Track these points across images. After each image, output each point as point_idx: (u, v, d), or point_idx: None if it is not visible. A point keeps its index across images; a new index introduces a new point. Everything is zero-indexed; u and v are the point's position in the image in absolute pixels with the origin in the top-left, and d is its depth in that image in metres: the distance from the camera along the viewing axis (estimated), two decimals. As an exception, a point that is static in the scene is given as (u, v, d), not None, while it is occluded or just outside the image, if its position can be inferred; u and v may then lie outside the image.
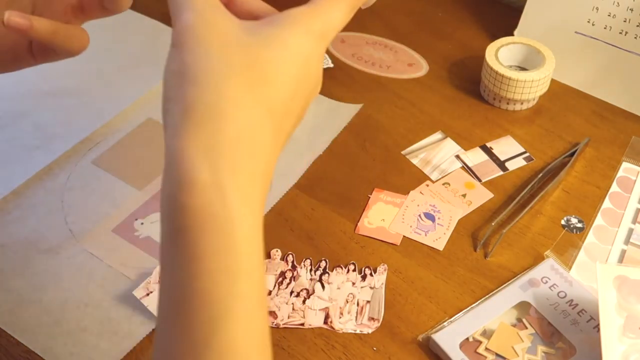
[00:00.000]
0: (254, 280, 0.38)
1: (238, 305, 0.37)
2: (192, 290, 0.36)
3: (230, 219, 0.37)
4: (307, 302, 0.59)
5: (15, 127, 0.72)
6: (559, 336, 0.56)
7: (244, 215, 0.37)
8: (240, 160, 0.37)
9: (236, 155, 0.37)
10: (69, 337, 0.56)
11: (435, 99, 0.78)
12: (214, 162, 0.36)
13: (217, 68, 0.38)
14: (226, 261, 0.36)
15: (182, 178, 0.36)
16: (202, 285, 0.36)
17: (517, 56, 0.78)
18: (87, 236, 0.63)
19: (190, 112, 0.37)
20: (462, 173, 0.70)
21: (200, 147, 0.36)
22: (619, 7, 0.76)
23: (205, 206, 0.36)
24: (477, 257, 0.63)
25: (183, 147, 0.37)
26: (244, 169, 0.37)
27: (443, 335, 0.56)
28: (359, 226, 0.65)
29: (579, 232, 0.65)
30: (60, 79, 0.77)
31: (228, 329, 0.36)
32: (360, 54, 0.84)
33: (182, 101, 0.37)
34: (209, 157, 0.36)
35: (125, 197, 0.66)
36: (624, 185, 0.69)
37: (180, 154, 0.37)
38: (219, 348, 0.36)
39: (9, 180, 0.66)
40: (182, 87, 0.38)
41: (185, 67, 0.38)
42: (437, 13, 0.90)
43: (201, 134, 0.37)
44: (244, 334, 0.37)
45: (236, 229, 0.37)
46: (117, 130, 0.72)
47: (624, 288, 0.54)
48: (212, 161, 0.36)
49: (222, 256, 0.36)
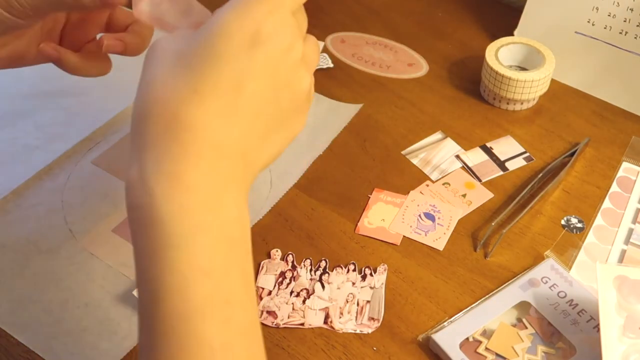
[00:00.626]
0: (187, 281, 0.38)
1: (168, 297, 0.38)
2: (138, 283, 0.40)
3: (159, 212, 0.38)
4: (307, 302, 0.59)
5: (15, 127, 0.72)
6: (559, 336, 0.56)
7: (181, 208, 0.38)
8: (164, 153, 0.39)
9: (159, 150, 0.39)
10: (69, 337, 0.56)
11: (435, 99, 0.78)
12: (140, 159, 0.39)
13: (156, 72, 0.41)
14: (154, 249, 0.38)
15: (126, 182, 0.40)
16: (140, 276, 0.39)
17: (517, 56, 0.78)
18: (87, 236, 0.63)
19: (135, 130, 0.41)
20: (462, 173, 0.70)
21: (133, 148, 0.40)
22: (619, 7, 0.76)
23: (134, 201, 0.39)
24: (477, 257, 0.63)
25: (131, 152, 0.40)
26: (169, 160, 0.39)
27: (443, 335, 0.56)
28: (359, 226, 0.65)
29: (579, 232, 0.65)
30: (60, 79, 0.77)
31: (156, 321, 0.38)
32: (360, 54, 0.84)
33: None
34: (136, 157, 0.40)
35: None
36: (624, 185, 0.69)
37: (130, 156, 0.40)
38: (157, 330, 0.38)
39: (9, 180, 0.66)
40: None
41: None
42: (437, 13, 0.90)
43: (135, 137, 0.40)
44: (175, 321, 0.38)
45: (169, 222, 0.38)
46: (117, 130, 0.72)
47: (624, 288, 0.54)
48: (139, 158, 0.39)
49: (151, 245, 0.38)
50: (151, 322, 0.38)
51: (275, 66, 0.42)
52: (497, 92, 0.75)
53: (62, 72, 0.72)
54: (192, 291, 0.37)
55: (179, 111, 0.39)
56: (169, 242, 0.38)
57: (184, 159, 0.39)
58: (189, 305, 0.37)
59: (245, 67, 0.40)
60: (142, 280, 0.39)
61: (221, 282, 0.39)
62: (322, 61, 0.81)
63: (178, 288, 0.38)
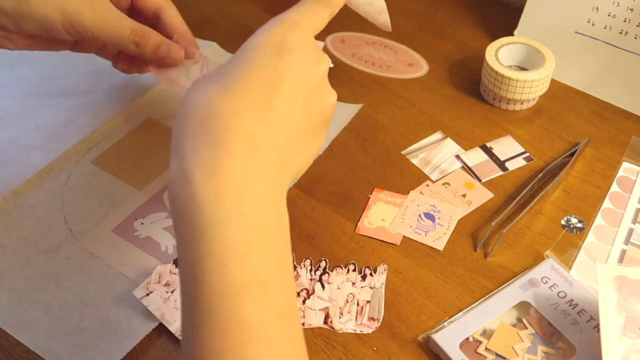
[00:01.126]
0: (224, 264, 0.40)
1: (207, 279, 0.40)
2: (180, 272, 0.42)
3: (196, 198, 0.41)
4: (307, 302, 0.59)
5: (15, 127, 0.72)
6: (559, 336, 0.56)
7: (215, 201, 0.41)
8: (200, 143, 0.42)
9: (196, 142, 0.42)
10: (69, 337, 0.56)
11: (435, 99, 0.78)
12: (179, 152, 0.43)
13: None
14: (193, 234, 0.41)
15: (169, 175, 0.43)
16: (182, 264, 0.42)
17: (517, 56, 0.78)
18: (87, 236, 0.63)
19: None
20: (462, 173, 0.70)
21: (174, 148, 0.44)
22: (619, 7, 0.76)
23: (175, 192, 0.42)
24: (477, 257, 0.63)
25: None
26: (205, 149, 0.42)
27: (443, 335, 0.56)
28: (359, 226, 0.65)
29: (579, 232, 0.65)
30: (60, 79, 0.77)
31: (198, 304, 0.40)
32: (360, 54, 0.84)
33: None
34: (176, 152, 0.43)
35: (126, 197, 0.66)
36: (624, 185, 0.69)
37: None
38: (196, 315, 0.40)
39: (9, 180, 0.66)
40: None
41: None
42: (437, 13, 0.90)
43: (175, 137, 0.44)
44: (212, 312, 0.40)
45: (206, 207, 0.41)
46: (117, 130, 0.72)
47: (624, 288, 0.54)
48: (179, 152, 0.43)
49: (191, 231, 0.41)
50: (192, 303, 0.40)
51: (303, 75, 0.46)
52: (497, 92, 0.75)
53: (62, 72, 0.72)
54: (229, 272, 0.40)
55: (213, 107, 0.43)
56: (206, 227, 0.40)
57: (219, 147, 0.42)
58: (226, 285, 0.40)
59: (274, 70, 0.45)
60: (183, 267, 0.42)
61: (257, 265, 0.41)
62: (322, 61, 0.81)
63: (215, 269, 0.40)
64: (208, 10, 0.89)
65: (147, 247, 0.62)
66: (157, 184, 0.67)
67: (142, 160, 0.69)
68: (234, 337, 0.39)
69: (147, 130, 0.73)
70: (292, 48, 0.46)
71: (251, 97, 0.44)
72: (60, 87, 0.76)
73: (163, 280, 0.58)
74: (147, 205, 0.65)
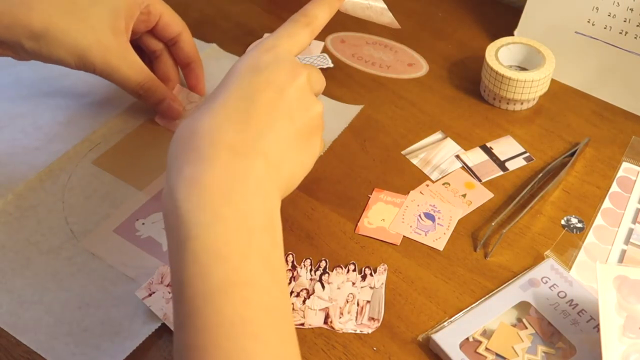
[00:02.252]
0: (207, 266, 0.42)
1: (191, 282, 0.42)
2: (171, 281, 0.45)
3: (181, 211, 0.43)
4: (307, 302, 0.59)
5: (15, 127, 0.72)
6: (559, 336, 0.56)
7: (201, 215, 0.43)
8: (184, 162, 0.45)
9: (180, 161, 0.45)
10: (70, 337, 0.56)
11: (435, 99, 0.78)
12: (168, 174, 0.46)
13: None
14: (178, 245, 0.43)
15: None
16: (171, 274, 0.44)
17: (517, 56, 0.78)
18: (88, 237, 0.63)
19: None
20: (462, 173, 0.70)
21: (167, 173, 0.46)
22: (619, 7, 0.76)
23: (164, 210, 0.45)
24: (477, 257, 0.63)
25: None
26: (188, 167, 0.45)
27: (443, 335, 0.56)
28: (359, 226, 0.65)
29: (579, 232, 0.65)
30: (60, 79, 0.77)
31: (182, 306, 0.43)
32: (360, 54, 0.84)
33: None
34: (167, 175, 0.46)
35: (126, 198, 0.66)
36: (624, 185, 0.69)
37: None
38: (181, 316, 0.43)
39: (10, 181, 0.66)
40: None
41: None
42: (437, 13, 0.90)
43: (168, 163, 0.47)
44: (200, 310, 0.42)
45: (189, 218, 0.43)
46: (117, 131, 0.72)
47: (624, 288, 0.54)
48: (168, 174, 0.46)
49: (176, 243, 0.44)
50: (179, 306, 0.43)
51: (281, 86, 0.49)
52: (497, 92, 0.75)
53: (62, 73, 0.72)
54: (211, 274, 0.42)
55: (195, 126, 0.46)
56: (188, 235, 0.43)
57: (200, 162, 0.45)
58: (209, 286, 0.42)
59: (251, 86, 0.48)
60: (172, 277, 0.44)
61: (240, 266, 0.43)
62: (322, 61, 0.81)
63: (199, 272, 0.42)
64: (208, 10, 0.90)
65: (149, 248, 0.62)
66: (157, 184, 0.67)
67: (143, 160, 0.69)
68: (218, 333, 0.41)
69: (148, 130, 0.73)
70: (267, 65, 0.49)
71: (231, 112, 0.47)
72: (60, 88, 0.76)
73: (165, 280, 0.58)
74: (148, 205, 0.65)
